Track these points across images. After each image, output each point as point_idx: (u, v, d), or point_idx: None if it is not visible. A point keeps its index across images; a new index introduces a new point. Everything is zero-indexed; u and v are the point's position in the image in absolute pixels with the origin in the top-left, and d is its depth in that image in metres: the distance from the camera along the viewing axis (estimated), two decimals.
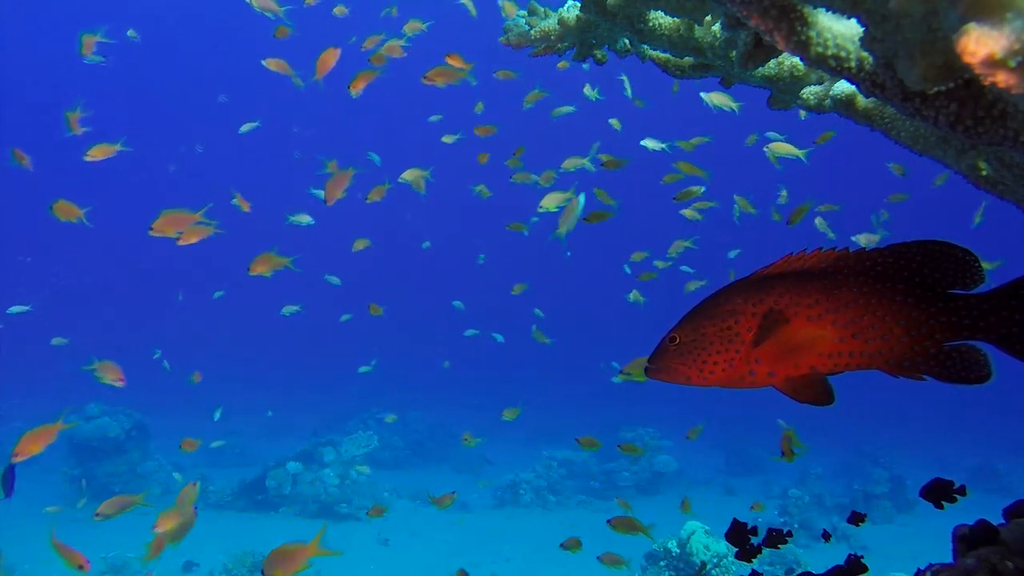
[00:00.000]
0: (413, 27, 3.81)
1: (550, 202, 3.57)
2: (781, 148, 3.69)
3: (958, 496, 1.29)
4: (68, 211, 2.94)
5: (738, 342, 0.94)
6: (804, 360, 0.92)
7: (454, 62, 3.12)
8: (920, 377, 0.91)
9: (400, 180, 3.75)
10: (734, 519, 1.48)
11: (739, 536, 1.47)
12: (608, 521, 3.03)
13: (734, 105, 3.48)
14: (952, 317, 0.89)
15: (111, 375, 3.21)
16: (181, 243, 2.79)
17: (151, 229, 2.69)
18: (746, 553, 1.43)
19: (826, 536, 1.72)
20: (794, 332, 0.92)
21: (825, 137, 3.79)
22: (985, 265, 0.88)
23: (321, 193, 3.32)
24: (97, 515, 2.85)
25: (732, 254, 6.18)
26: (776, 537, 1.50)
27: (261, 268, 3.09)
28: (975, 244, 0.92)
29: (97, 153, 3.11)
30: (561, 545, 3.36)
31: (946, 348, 0.90)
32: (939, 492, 1.29)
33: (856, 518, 1.49)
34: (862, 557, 1.18)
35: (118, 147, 3.13)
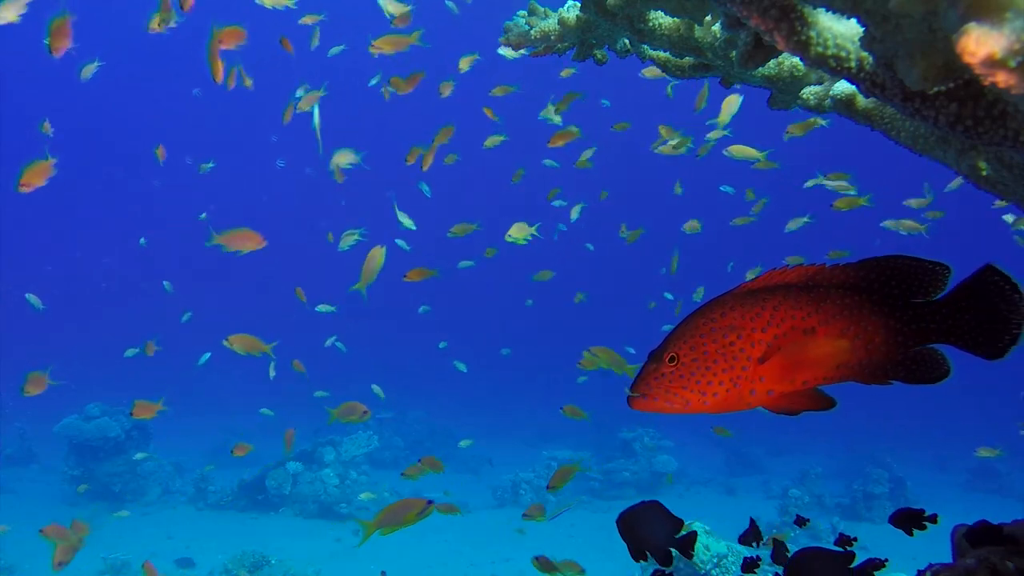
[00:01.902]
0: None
1: (518, 232, 3.54)
2: (740, 151, 3.69)
3: (928, 524, 1.30)
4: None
5: (743, 359, 0.89)
6: (801, 375, 0.91)
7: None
8: (888, 382, 0.93)
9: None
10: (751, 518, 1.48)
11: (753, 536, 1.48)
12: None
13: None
14: (920, 324, 0.91)
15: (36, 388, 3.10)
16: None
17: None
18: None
19: (800, 522, 1.71)
20: (806, 346, 0.90)
21: (844, 181, 3.79)
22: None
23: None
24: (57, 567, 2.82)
25: (730, 266, 6.18)
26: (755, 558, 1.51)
27: (242, 344, 3.07)
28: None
29: (32, 179, 2.63)
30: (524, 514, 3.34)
31: (911, 353, 0.92)
32: (908, 520, 1.31)
33: (844, 541, 1.49)
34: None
35: (51, 163, 2.74)
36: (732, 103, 3.42)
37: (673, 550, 1.31)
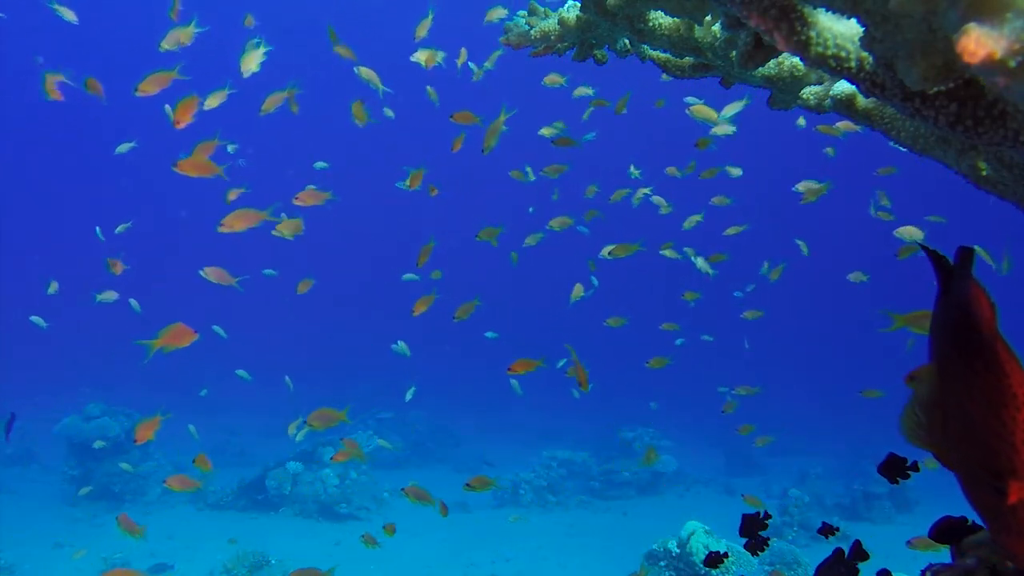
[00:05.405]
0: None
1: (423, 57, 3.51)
2: (700, 112, 3.60)
3: (911, 472, 1.33)
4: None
5: None
6: None
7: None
8: None
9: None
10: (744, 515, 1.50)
11: (751, 528, 1.49)
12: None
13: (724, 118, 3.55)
14: None
15: None
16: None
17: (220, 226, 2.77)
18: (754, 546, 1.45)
19: (828, 531, 1.70)
20: None
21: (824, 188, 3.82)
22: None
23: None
24: None
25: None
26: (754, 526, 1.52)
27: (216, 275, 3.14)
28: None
29: (149, 87, 2.72)
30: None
31: None
32: (894, 468, 1.34)
33: (827, 530, 1.50)
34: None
35: (175, 74, 2.76)
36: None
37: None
